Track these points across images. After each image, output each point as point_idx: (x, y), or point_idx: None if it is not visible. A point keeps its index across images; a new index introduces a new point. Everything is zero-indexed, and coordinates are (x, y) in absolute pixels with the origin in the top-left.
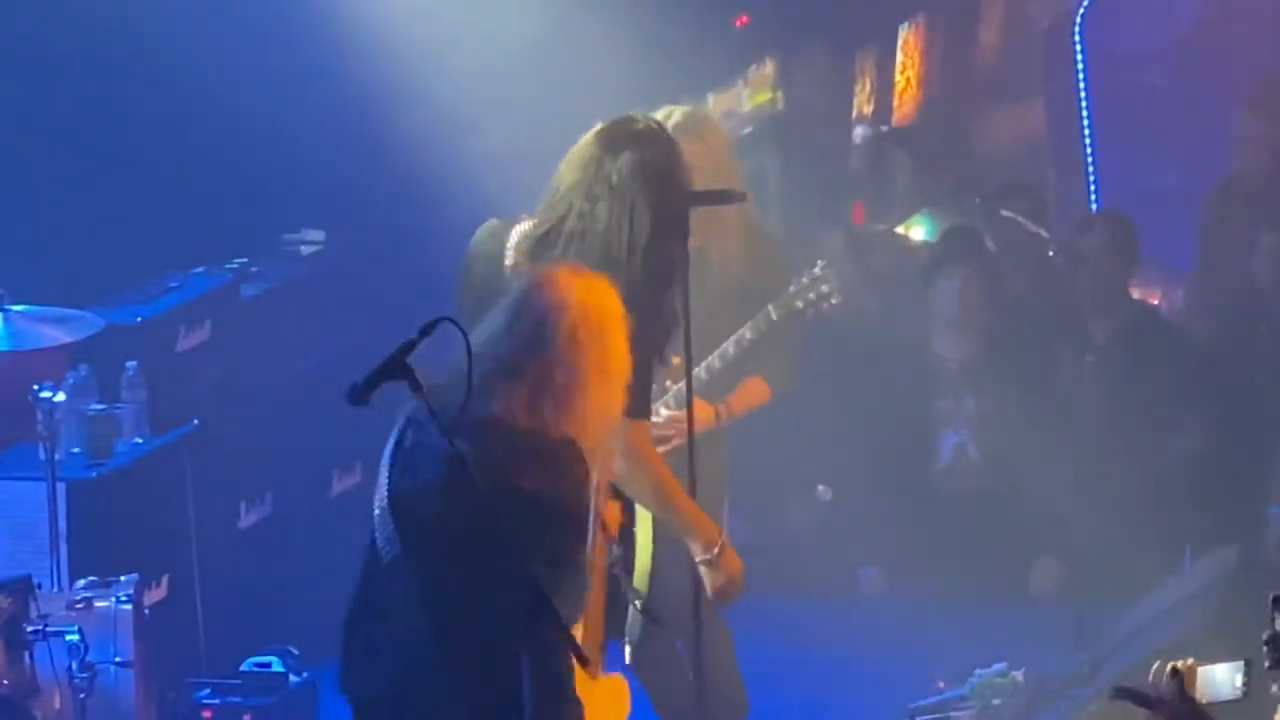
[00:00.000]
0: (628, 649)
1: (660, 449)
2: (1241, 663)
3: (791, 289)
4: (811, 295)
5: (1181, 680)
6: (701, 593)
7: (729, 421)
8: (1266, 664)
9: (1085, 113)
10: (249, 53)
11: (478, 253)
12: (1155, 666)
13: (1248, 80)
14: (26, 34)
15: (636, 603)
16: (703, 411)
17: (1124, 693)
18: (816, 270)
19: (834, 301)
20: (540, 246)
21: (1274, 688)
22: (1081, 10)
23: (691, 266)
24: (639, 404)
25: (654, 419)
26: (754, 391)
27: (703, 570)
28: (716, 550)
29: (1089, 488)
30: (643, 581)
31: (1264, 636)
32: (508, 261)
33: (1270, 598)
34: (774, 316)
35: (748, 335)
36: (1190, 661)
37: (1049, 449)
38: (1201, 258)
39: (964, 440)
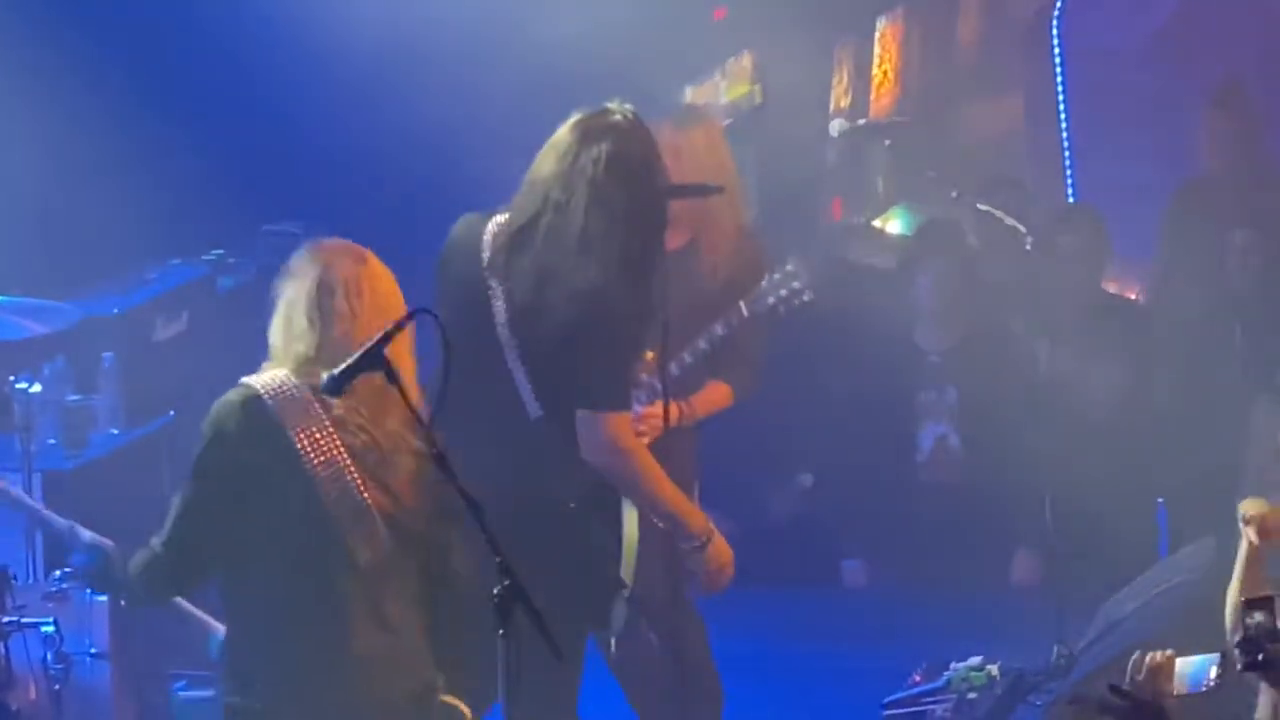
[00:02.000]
0: (612, 643)
1: None
2: (1217, 655)
3: (763, 285)
4: (783, 292)
5: (1154, 677)
6: (679, 584)
7: (690, 421)
8: (1239, 666)
9: (1063, 107)
10: (230, 45)
11: (455, 246)
12: (1134, 658)
13: (1225, 76)
14: (2, 26)
15: (624, 593)
16: (659, 415)
17: (1080, 700)
18: (788, 267)
19: (805, 299)
20: (517, 239)
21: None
22: (1060, 5)
23: (680, 262)
24: (619, 396)
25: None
26: (717, 394)
27: (691, 558)
28: (705, 538)
29: (1070, 478)
30: (629, 572)
31: (1236, 639)
32: (485, 254)
33: (1243, 600)
34: (745, 313)
35: (719, 331)
36: (1169, 653)
37: (1030, 440)
38: (1162, 261)
39: (946, 431)
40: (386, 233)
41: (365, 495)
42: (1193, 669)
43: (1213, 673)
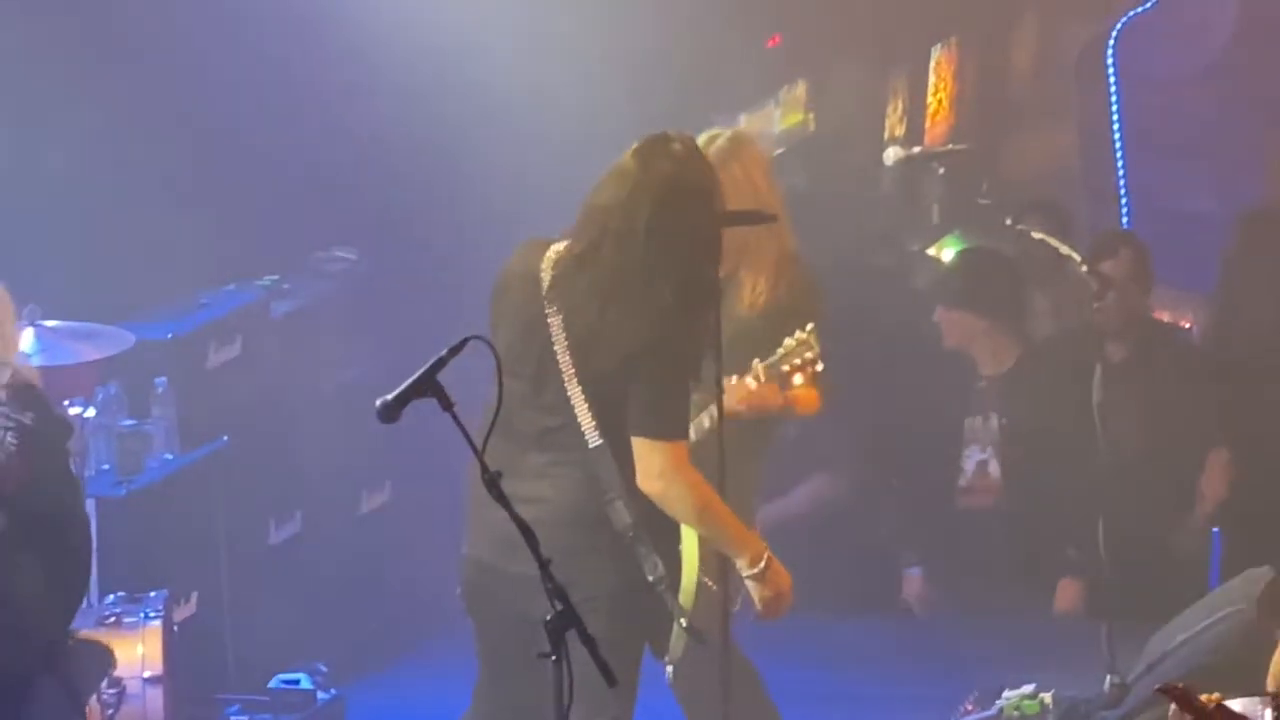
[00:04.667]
0: (669, 669)
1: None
2: (1269, 696)
3: (780, 351)
4: (797, 360)
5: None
6: (728, 624)
7: (783, 415)
8: None
9: (1118, 135)
10: (282, 70)
11: (513, 273)
12: (1173, 711)
13: None
14: (57, 49)
15: (682, 621)
16: (772, 394)
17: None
18: (802, 334)
19: (818, 368)
20: (576, 266)
21: None
22: (1115, 33)
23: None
24: (675, 424)
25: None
26: (807, 400)
27: (750, 585)
28: (763, 564)
29: (1113, 507)
30: (688, 599)
31: None
32: (544, 282)
33: None
34: (762, 378)
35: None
36: (1215, 696)
37: (1071, 468)
38: (1223, 290)
39: (986, 458)
40: (441, 258)
41: None
42: (1239, 711)
43: (1269, 716)
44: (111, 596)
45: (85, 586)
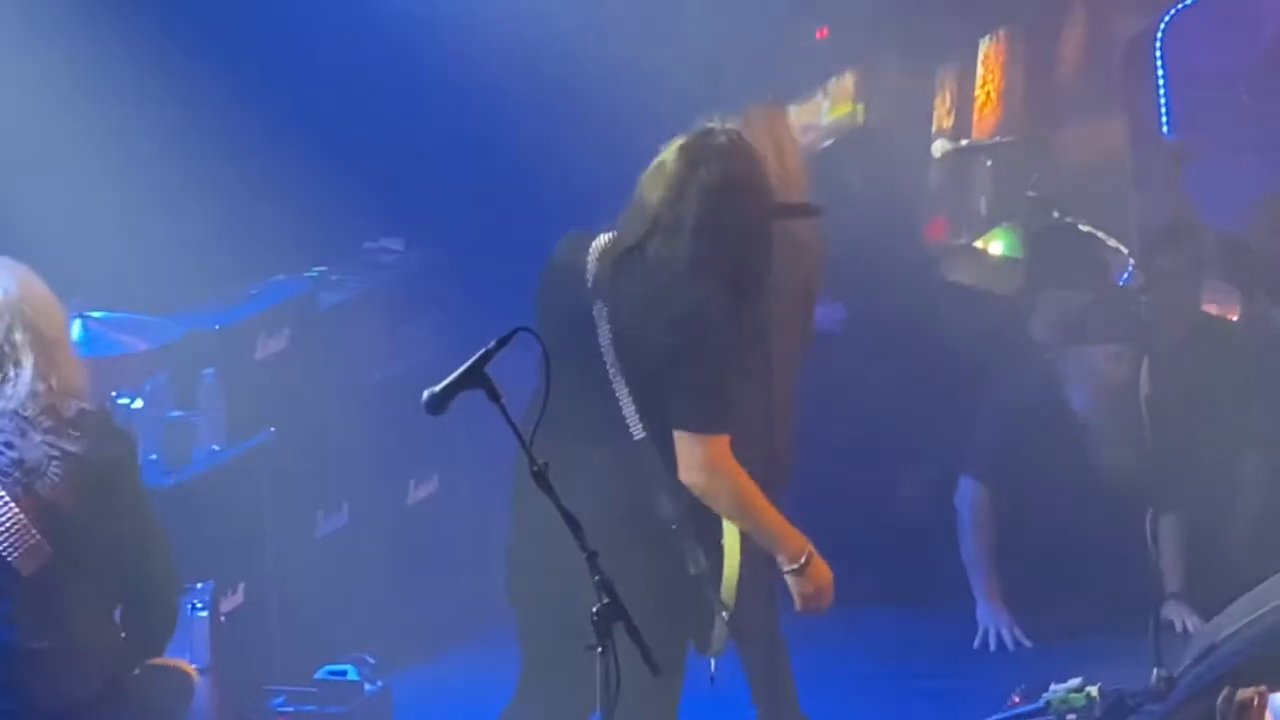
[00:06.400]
0: (713, 664)
1: None
2: None
3: None
4: None
5: (1246, 710)
6: (775, 607)
7: None
8: None
9: (1166, 129)
10: (329, 61)
11: (559, 266)
12: (1224, 694)
13: None
14: (107, 43)
15: (724, 614)
16: None
17: None
18: None
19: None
20: (624, 261)
21: None
22: (1163, 26)
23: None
24: (719, 418)
25: None
26: None
27: (790, 580)
28: (804, 559)
29: (1169, 500)
30: (730, 593)
31: None
32: (590, 276)
33: None
34: None
35: None
36: (1261, 689)
37: (1128, 463)
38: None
39: None
40: (489, 250)
41: (17, 510)
42: None
43: None
44: None
45: (164, 618)
